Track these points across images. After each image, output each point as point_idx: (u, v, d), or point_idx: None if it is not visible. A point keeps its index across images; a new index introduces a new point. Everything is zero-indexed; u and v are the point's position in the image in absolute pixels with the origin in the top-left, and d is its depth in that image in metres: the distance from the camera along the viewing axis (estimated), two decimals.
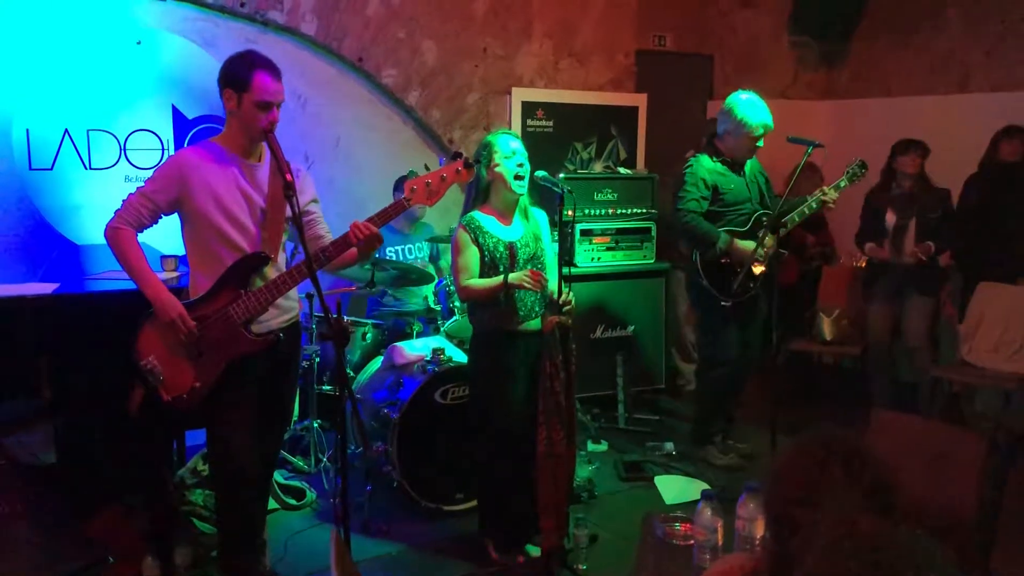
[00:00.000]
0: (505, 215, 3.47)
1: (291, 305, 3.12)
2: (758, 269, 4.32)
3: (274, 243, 3.03)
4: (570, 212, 5.28)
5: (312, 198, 3.17)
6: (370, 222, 2.95)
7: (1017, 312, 4.98)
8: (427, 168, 3.02)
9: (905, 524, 2.12)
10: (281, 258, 3.10)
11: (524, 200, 3.48)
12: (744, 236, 4.34)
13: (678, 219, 4.38)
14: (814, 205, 4.28)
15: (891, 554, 1.33)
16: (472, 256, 3.38)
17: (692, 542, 2.03)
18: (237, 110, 2.94)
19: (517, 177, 3.37)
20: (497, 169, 3.35)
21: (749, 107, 4.28)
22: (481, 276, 3.39)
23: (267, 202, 3.01)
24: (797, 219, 4.30)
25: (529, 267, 3.39)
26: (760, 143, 4.35)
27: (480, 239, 3.37)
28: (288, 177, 2.77)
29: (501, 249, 3.40)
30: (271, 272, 3.01)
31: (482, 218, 3.42)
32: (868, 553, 1.32)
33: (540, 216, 3.59)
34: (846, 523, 1.33)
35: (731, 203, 4.37)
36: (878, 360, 5.17)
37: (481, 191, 3.43)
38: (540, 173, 3.50)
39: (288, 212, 2.85)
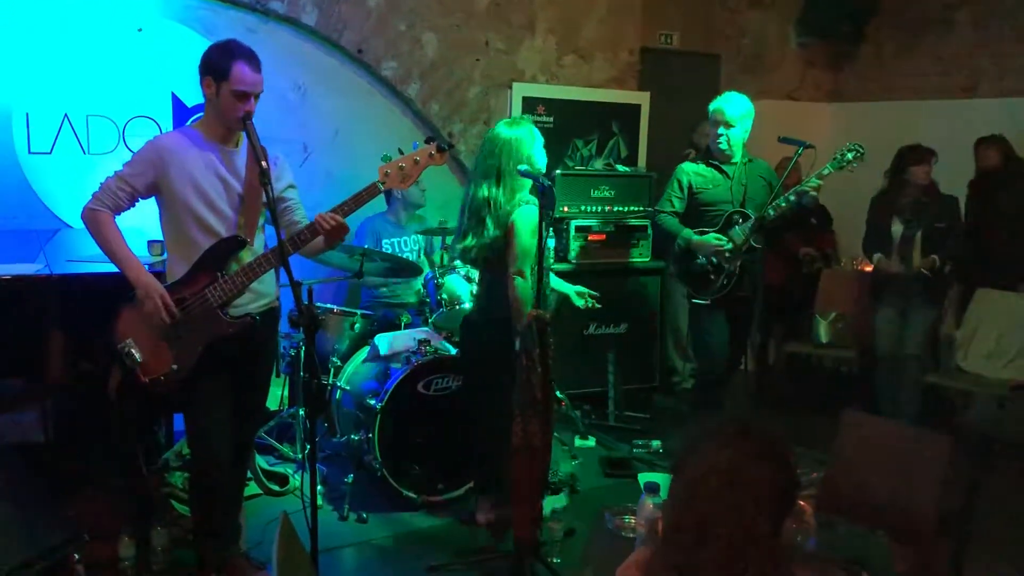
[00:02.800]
0: None
1: (267, 291, 3.15)
2: (729, 267, 4.29)
3: (250, 228, 3.06)
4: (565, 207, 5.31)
5: (289, 184, 3.18)
6: (343, 207, 2.97)
7: (1013, 319, 4.94)
8: (400, 152, 3.03)
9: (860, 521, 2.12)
10: (258, 242, 3.12)
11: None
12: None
13: (654, 218, 4.58)
14: (791, 197, 4.18)
15: (744, 477, 1.41)
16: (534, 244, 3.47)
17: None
18: (215, 98, 2.97)
19: None
20: None
21: (717, 99, 4.36)
22: None
23: (244, 188, 3.04)
24: (772, 213, 4.22)
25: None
26: (720, 134, 4.30)
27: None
28: (263, 164, 2.79)
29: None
30: (247, 256, 3.04)
31: None
32: (720, 475, 1.40)
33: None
34: (710, 454, 1.43)
35: (706, 203, 4.39)
36: (887, 371, 5.06)
37: None
38: (522, 167, 3.51)
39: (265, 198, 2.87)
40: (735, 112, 4.28)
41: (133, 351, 2.96)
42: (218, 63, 2.92)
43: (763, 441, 1.45)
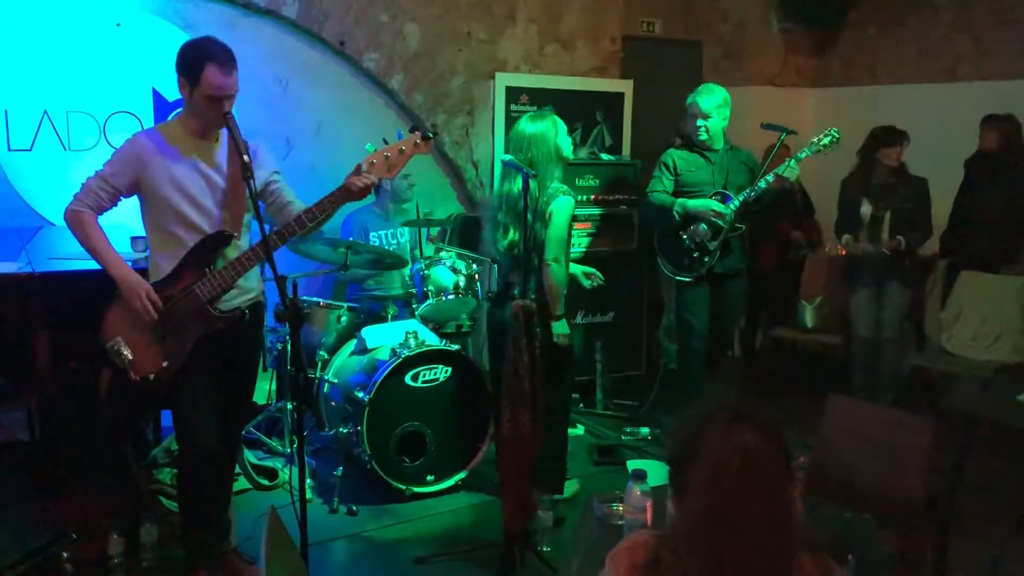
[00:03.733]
0: None
1: (252, 285, 3.14)
2: (712, 244, 4.46)
3: (236, 222, 3.05)
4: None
5: (272, 170, 3.16)
6: (333, 195, 2.94)
7: (997, 301, 4.97)
8: (385, 142, 3.02)
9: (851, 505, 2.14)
10: (244, 237, 3.11)
11: None
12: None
13: (644, 199, 4.71)
14: (769, 178, 4.36)
15: (763, 457, 1.42)
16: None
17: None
18: (191, 100, 2.95)
19: None
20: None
21: (696, 92, 4.53)
22: None
23: (227, 182, 3.02)
24: (753, 194, 4.40)
25: None
26: (699, 126, 4.48)
27: None
28: (245, 158, 2.77)
29: None
30: (233, 251, 3.03)
31: None
32: (742, 456, 1.40)
33: None
34: (727, 437, 1.43)
35: (689, 185, 4.57)
36: (862, 352, 5.11)
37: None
38: (506, 157, 3.52)
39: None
40: (709, 104, 4.46)
41: (123, 350, 2.95)
42: (191, 66, 2.88)
43: (763, 420, 1.47)
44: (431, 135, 3.05)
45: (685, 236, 4.55)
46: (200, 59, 2.87)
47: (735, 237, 4.56)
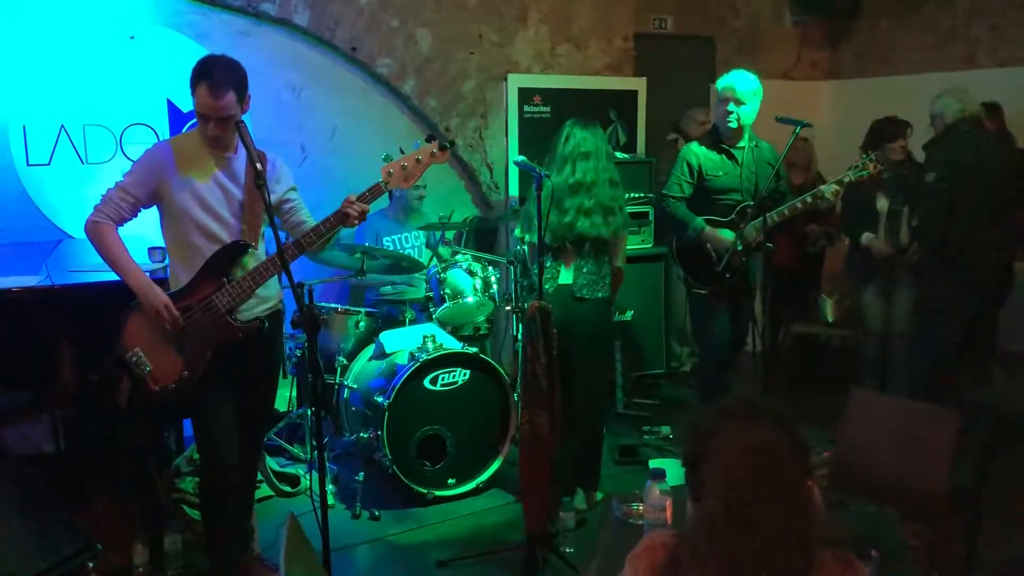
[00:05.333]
0: None
1: (271, 294, 3.15)
2: (736, 260, 4.15)
3: (253, 232, 3.06)
4: None
5: (290, 187, 3.19)
6: (328, 223, 2.98)
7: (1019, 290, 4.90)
8: (402, 151, 3.03)
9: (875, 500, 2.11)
10: (261, 247, 3.13)
11: None
12: (725, 226, 4.18)
13: (661, 203, 4.38)
14: (808, 199, 4.04)
15: (778, 453, 1.42)
16: None
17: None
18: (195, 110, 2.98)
19: None
20: None
21: (724, 77, 4.17)
22: None
23: (244, 193, 3.03)
24: (787, 214, 4.07)
25: None
26: (730, 111, 4.09)
27: None
28: (259, 166, 2.79)
29: None
30: (252, 261, 3.04)
31: None
32: (757, 454, 1.41)
33: None
34: (741, 435, 1.43)
35: (716, 190, 4.18)
36: (874, 347, 5.03)
37: None
38: (519, 158, 3.52)
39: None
40: (746, 88, 4.07)
41: (142, 360, 2.97)
42: (191, 81, 2.91)
43: (777, 416, 1.46)
44: (448, 144, 3.05)
45: (711, 248, 4.21)
46: (197, 76, 2.89)
47: (763, 252, 4.16)
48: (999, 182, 4.36)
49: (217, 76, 2.86)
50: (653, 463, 4.40)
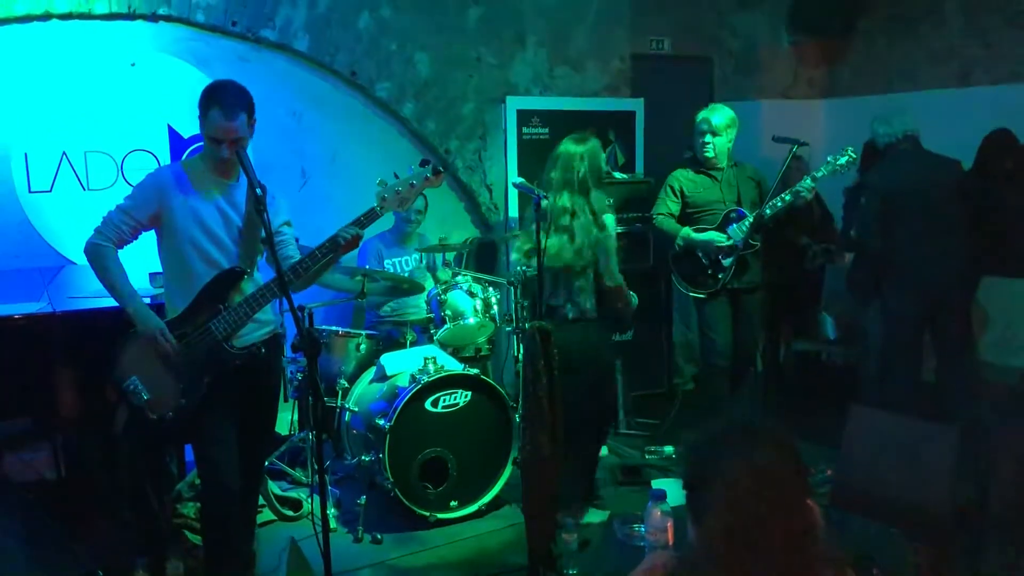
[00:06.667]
0: None
1: (269, 318, 3.16)
2: (727, 261, 4.48)
3: (251, 259, 3.08)
4: None
5: (284, 221, 3.20)
6: (322, 249, 3.00)
7: (1021, 307, 4.91)
8: (396, 176, 3.06)
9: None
10: (257, 273, 3.14)
11: None
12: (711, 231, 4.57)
13: (653, 221, 4.73)
14: (787, 197, 4.38)
15: (778, 475, 1.42)
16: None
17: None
18: (204, 136, 3.00)
19: None
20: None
21: (703, 111, 4.60)
22: None
23: (243, 220, 3.06)
24: (769, 212, 4.41)
25: None
26: (707, 143, 4.51)
27: None
28: (259, 192, 2.81)
29: None
30: (249, 287, 3.05)
31: None
32: (757, 475, 1.41)
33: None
34: (741, 457, 1.44)
35: (700, 205, 4.60)
36: (875, 365, 5.02)
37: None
38: (518, 179, 3.55)
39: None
40: (720, 121, 4.52)
41: (139, 388, 2.97)
42: (200, 105, 2.96)
43: (777, 437, 1.46)
44: (441, 168, 3.08)
45: (700, 253, 4.55)
46: (208, 100, 2.93)
47: (750, 253, 4.54)
48: (942, 195, 4.42)
49: (229, 99, 2.92)
50: (656, 483, 4.38)
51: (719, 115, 4.53)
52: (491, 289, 4.59)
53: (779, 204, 4.39)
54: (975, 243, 4.51)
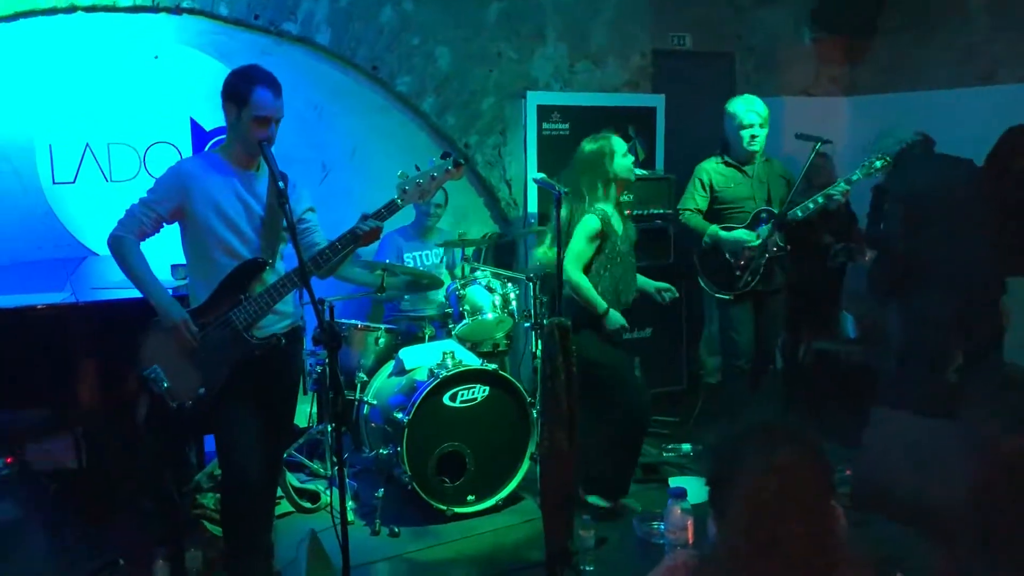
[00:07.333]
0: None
1: (289, 310, 3.18)
2: (748, 253, 4.39)
3: (272, 250, 3.09)
4: None
5: (308, 207, 3.22)
6: (341, 241, 3.02)
7: None
8: (417, 168, 3.06)
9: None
10: (279, 264, 3.15)
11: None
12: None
13: (678, 217, 4.63)
14: (820, 200, 4.31)
15: (802, 475, 1.41)
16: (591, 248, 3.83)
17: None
18: (237, 123, 3.01)
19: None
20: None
21: (740, 102, 4.43)
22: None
23: (265, 211, 3.07)
24: (800, 214, 4.34)
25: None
26: (756, 135, 4.39)
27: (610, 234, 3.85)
28: (281, 184, 2.83)
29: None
30: (271, 277, 3.07)
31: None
32: (781, 475, 1.40)
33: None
34: (765, 456, 1.43)
35: (729, 201, 4.49)
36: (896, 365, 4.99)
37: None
38: (538, 175, 3.54)
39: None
40: (766, 113, 4.43)
41: (160, 376, 2.99)
42: (239, 89, 2.96)
43: (802, 437, 1.45)
44: (462, 161, 3.08)
45: (727, 253, 4.46)
46: (250, 81, 2.96)
47: (779, 255, 4.47)
48: (963, 196, 4.37)
49: (270, 78, 2.99)
50: (674, 481, 4.37)
51: (764, 106, 4.43)
52: (510, 284, 4.59)
53: (811, 207, 4.31)
54: (1001, 242, 4.46)
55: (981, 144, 5.18)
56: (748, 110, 4.38)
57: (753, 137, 4.38)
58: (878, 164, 4.31)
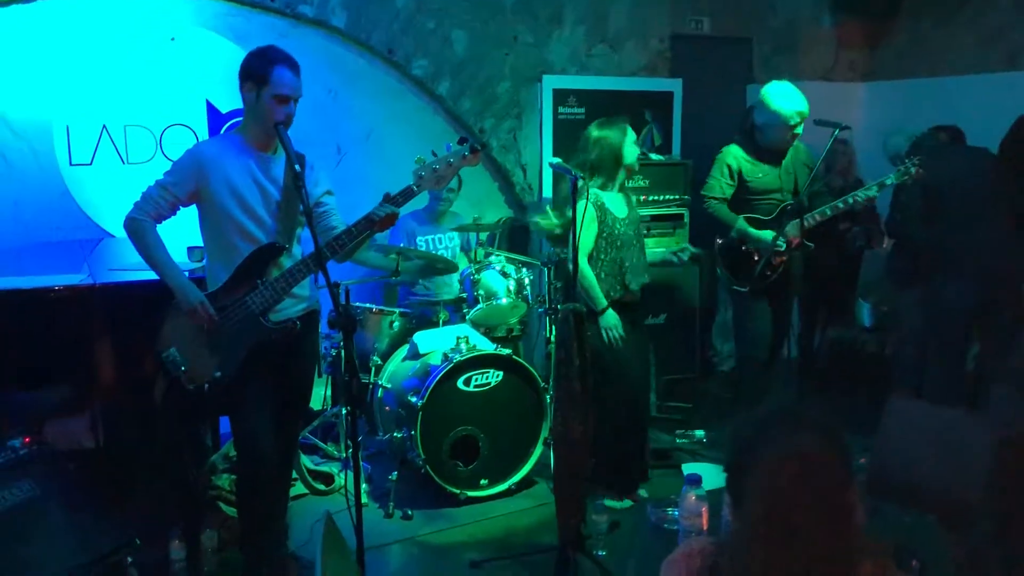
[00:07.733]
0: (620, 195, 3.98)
1: (305, 294, 3.18)
2: (778, 259, 4.27)
3: (289, 234, 3.09)
4: None
5: (326, 190, 3.22)
6: (357, 227, 3.01)
7: None
8: (434, 154, 3.05)
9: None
10: (295, 248, 3.15)
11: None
12: (768, 225, 4.30)
13: (702, 204, 4.46)
14: (850, 200, 4.19)
15: (821, 462, 1.40)
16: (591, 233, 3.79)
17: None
18: (255, 103, 3.00)
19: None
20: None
21: (784, 98, 4.17)
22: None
23: (281, 194, 3.07)
24: (829, 212, 4.21)
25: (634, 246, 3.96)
26: (797, 133, 4.25)
27: (603, 216, 3.81)
28: (297, 168, 2.83)
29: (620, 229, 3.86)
30: (287, 262, 3.07)
31: (605, 196, 3.86)
32: (800, 461, 1.39)
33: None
34: (784, 442, 1.41)
35: (757, 191, 4.33)
36: (911, 353, 4.96)
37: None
38: (555, 160, 3.53)
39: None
40: (808, 111, 4.22)
41: (177, 358, 3.01)
42: (259, 68, 2.96)
43: (821, 424, 1.44)
44: (479, 146, 3.06)
45: (753, 252, 4.33)
46: (269, 61, 2.96)
47: (805, 252, 4.37)
48: (982, 184, 4.33)
49: (290, 58, 3.00)
50: (687, 468, 4.37)
51: (805, 102, 4.20)
52: (524, 269, 4.58)
53: (841, 206, 4.18)
54: (1021, 229, 4.41)
55: (1004, 131, 5.11)
56: (794, 111, 4.16)
57: (795, 136, 4.24)
58: (912, 170, 4.14)
